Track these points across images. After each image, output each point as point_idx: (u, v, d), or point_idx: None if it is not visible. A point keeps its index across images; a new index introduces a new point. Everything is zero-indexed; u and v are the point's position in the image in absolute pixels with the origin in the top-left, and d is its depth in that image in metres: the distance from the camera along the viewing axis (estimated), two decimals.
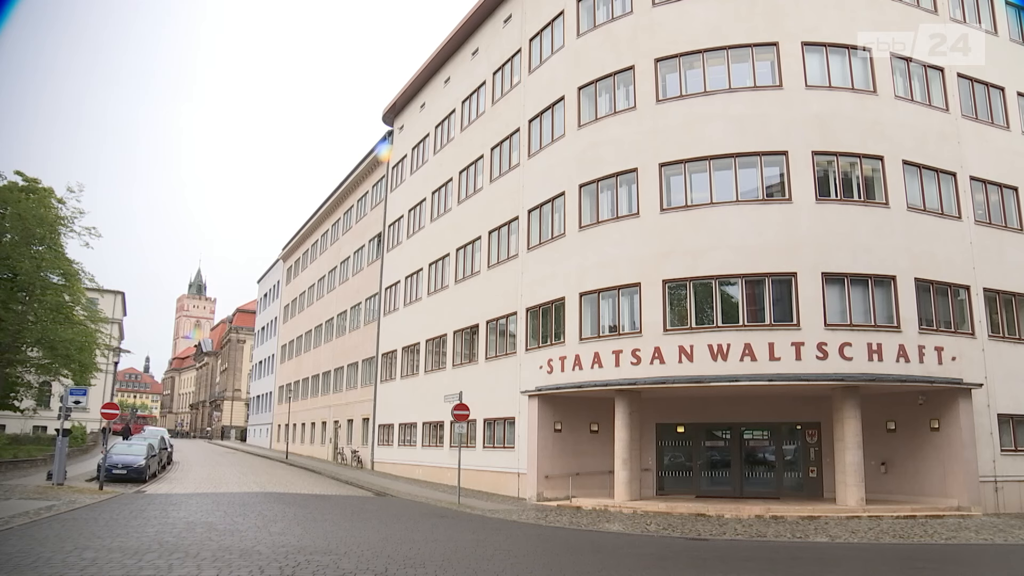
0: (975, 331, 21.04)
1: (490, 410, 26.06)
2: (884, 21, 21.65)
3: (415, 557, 11.82)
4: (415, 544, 13.46)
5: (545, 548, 14.40)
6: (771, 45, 20.96)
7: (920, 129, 21.43)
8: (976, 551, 14.15)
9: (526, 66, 26.95)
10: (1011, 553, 14.04)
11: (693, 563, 12.60)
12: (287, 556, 11.34)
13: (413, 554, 12.15)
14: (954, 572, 12.37)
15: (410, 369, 33.98)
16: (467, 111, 31.40)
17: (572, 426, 23.16)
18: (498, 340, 26.84)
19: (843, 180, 20.38)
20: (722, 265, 19.87)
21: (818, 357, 18.93)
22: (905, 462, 20.95)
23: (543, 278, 24.02)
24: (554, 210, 24.10)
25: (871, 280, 19.77)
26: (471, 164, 30.20)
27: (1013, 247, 22.44)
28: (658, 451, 23.33)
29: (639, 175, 21.41)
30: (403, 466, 32.85)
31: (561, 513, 19.14)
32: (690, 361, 19.48)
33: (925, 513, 18.49)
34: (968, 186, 21.89)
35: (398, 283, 36.29)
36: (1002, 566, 12.98)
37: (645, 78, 21.96)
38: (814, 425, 22.05)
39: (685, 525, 16.74)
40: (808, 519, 17.64)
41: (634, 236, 21.30)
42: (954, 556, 13.67)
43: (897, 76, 21.49)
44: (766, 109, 20.55)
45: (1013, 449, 21.23)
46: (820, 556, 13.37)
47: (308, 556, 11.42)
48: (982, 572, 12.47)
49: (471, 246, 29.40)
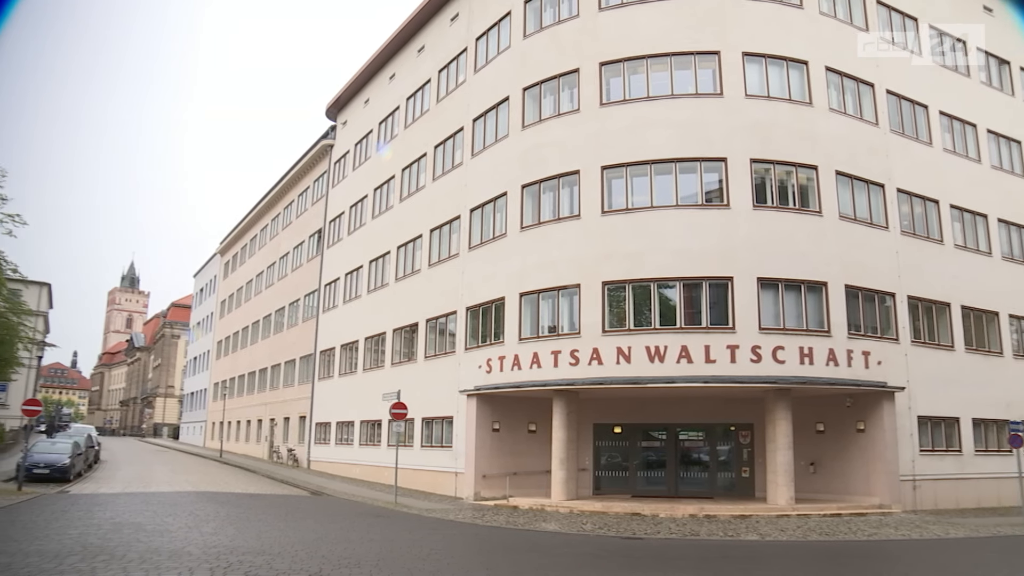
0: (899, 337, 21.87)
1: (428, 409, 25.92)
2: (820, 36, 22.31)
3: (350, 557, 11.67)
4: (350, 544, 13.29)
5: (482, 547, 14.39)
6: (713, 54, 21.37)
7: (852, 141, 22.14)
8: (895, 547, 14.73)
9: (471, 65, 26.87)
10: (926, 548, 14.67)
11: (628, 562, 12.74)
12: (219, 557, 11.06)
13: (348, 554, 11.99)
14: (875, 568, 12.83)
15: (348, 367, 33.57)
16: (411, 108, 31.15)
17: (510, 426, 23.19)
18: (437, 339, 26.71)
19: (779, 188, 20.90)
20: (661, 268, 20.16)
21: (752, 360, 19.37)
22: (832, 462, 21.60)
23: (484, 278, 23.99)
24: (496, 210, 24.10)
25: (804, 286, 20.33)
26: (414, 162, 29.97)
27: (934, 258, 23.42)
28: (595, 451, 23.54)
29: (581, 177, 21.57)
30: (340, 465, 32.41)
31: (498, 512, 19.14)
32: (628, 362, 19.70)
33: (850, 511, 19.10)
34: (895, 197, 22.73)
35: (338, 280, 35.80)
36: (917, 560, 13.54)
37: (589, 81, 22.13)
38: (747, 426, 22.57)
39: (621, 524, 16.91)
40: (740, 518, 17.99)
41: (575, 238, 21.45)
42: (875, 552, 14.19)
43: (831, 89, 22.16)
44: (707, 116, 20.94)
45: (931, 449, 22.17)
46: (750, 554, 13.68)
47: (240, 557, 11.17)
48: (900, 567, 12.95)
49: (412, 244, 29.18)
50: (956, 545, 15.07)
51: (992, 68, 27.18)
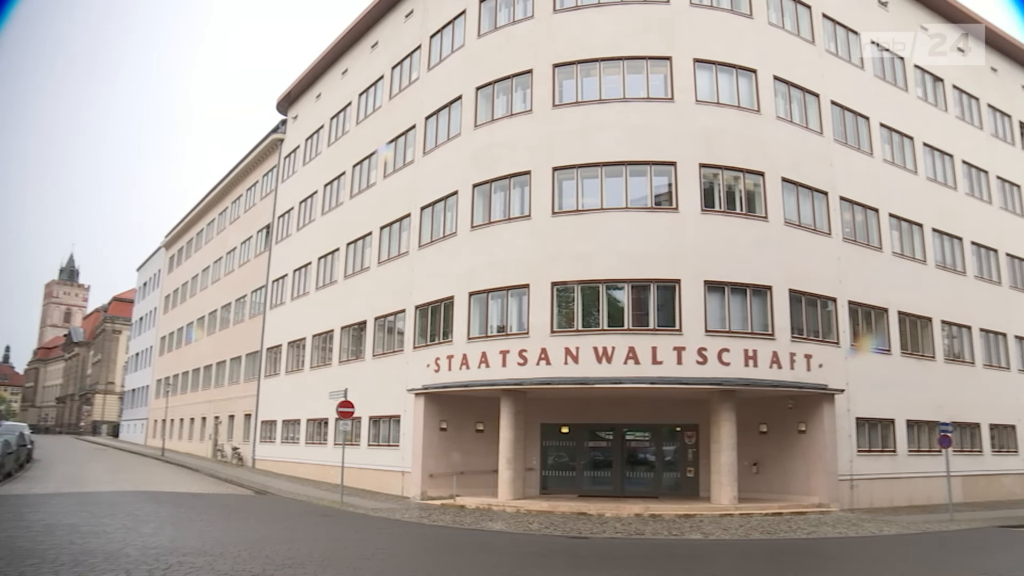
0: (840, 340, 22.45)
1: (376, 408, 25.69)
2: (769, 46, 22.79)
3: (294, 557, 11.49)
4: (295, 543, 13.09)
5: (428, 547, 14.34)
6: (665, 59, 21.64)
7: (798, 149, 22.66)
8: (832, 544, 15.11)
9: (425, 63, 26.72)
10: (860, 545, 15.11)
11: (573, 561, 12.84)
12: (158, 558, 10.73)
13: (293, 554, 11.80)
14: (812, 565, 13.18)
15: (295, 364, 33.07)
16: (364, 104, 30.82)
17: (458, 425, 23.13)
18: (386, 337, 26.50)
19: (727, 193, 21.27)
20: (610, 269, 20.34)
21: (698, 362, 19.66)
22: (775, 462, 22.04)
23: (433, 276, 23.88)
24: (447, 209, 24.02)
25: (749, 289, 20.72)
26: (365, 158, 29.65)
27: (873, 264, 24.12)
28: (542, 451, 23.62)
29: (532, 178, 21.61)
30: (286, 464, 31.90)
31: (445, 512, 19.06)
32: (575, 363, 19.81)
33: (790, 510, 19.50)
34: (838, 205, 23.34)
35: (285, 276, 35.22)
36: (852, 557, 13.98)
37: (543, 82, 22.20)
38: (692, 427, 22.89)
39: (567, 524, 16.97)
40: (684, 517, 18.22)
41: (525, 238, 21.49)
42: (814, 549, 14.55)
43: (779, 98, 22.64)
44: (658, 120, 21.20)
45: (867, 450, 22.82)
46: (693, 553, 13.88)
47: (181, 558, 10.86)
48: (836, 563, 13.36)
49: (362, 241, 28.88)
50: (888, 542, 15.57)
51: (927, 84, 28.23)
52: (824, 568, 12.88)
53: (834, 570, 12.78)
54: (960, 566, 13.27)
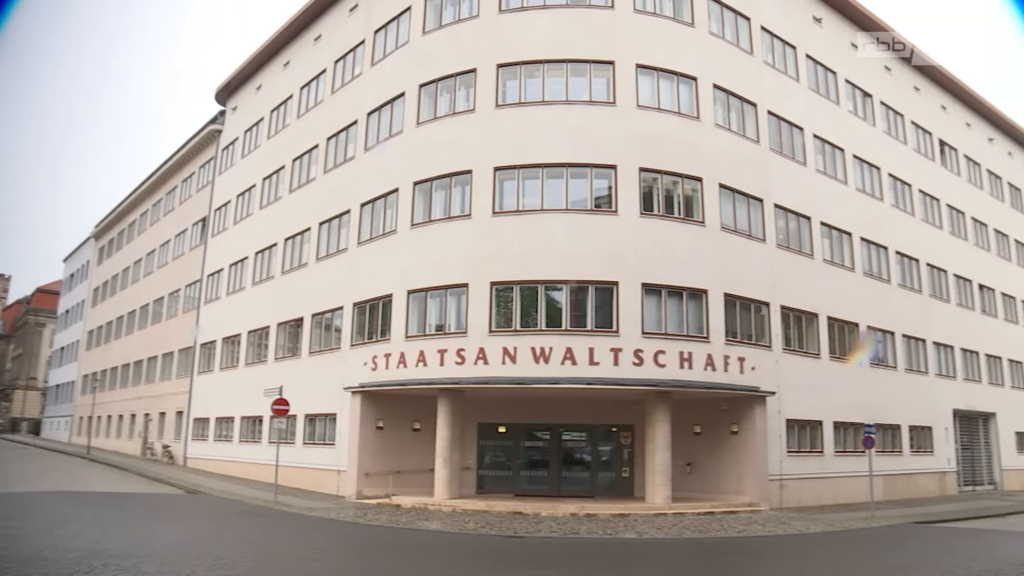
0: (772, 344, 23.02)
1: (312, 406, 25.32)
2: (709, 55, 23.25)
3: (226, 558, 11.20)
4: (226, 544, 12.81)
5: (363, 547, 14.20)
6: (608, 64, 21.86)
7: (735, 156, 23.16)
8: (762, 542, 15.50)
9: (368, 58, 26.41)
10: (788, 543, 15.58)
11: (509, 560, 12.86)
12: (79, 562, 10.20)
13: (224, 554, 11.51)
14: (742, 562, 13.47)
15: (230, 361, 32.33)
16: (305, 98, 30.29)
17: (395, 424, 22.95)
18: (323, 334, 26.15)
19: (666, 197, 21.60)
20: (549, 270, 20.43)
21: (635, 363, 19.91)
22: (708, 463, 22.47)
23: (372, 274, 23.64)
24: (387, 206, 23.79)
25: (686, 293, 21.09)
26: (306, 153, 29.15)
27: (805, 270, 24.83)
28: (479, 450, 23.59)
29: (473, 177, 21.57)
30: (219, 462, 31.14)
31: (380, 511, 18.86)
32: (513, 363, 19.85)
33: (722, 509, 19.88)
34: (772, 212, 23.95)
35: (221, 271, 34.39)
36: (780, 554, 14.37)
37: (486, 82, 22.18)
38: (628, 428, 23.17)
39: (503, 523, 16.97)
40: (619, 517, 18.39)
41: (465, 237, 21.45)
42: (744, 547, 14.85)
43: (718, 106, 23.11)
44: (599, 123, 21.39)
45: (797, 451, 23.45)
46: (627, 551, 14.02)
47: (105, 561, 10.36)
48: (765, 561, 13.70)
49: (300, 237, 28.40)
50: (814, 539, 16.09)
51: (858, 99, 29.30)
52: (753, 565, 13.20)
53: (763, 567, 13.10)
54: (878, 561, 13.78)
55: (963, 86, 35.51)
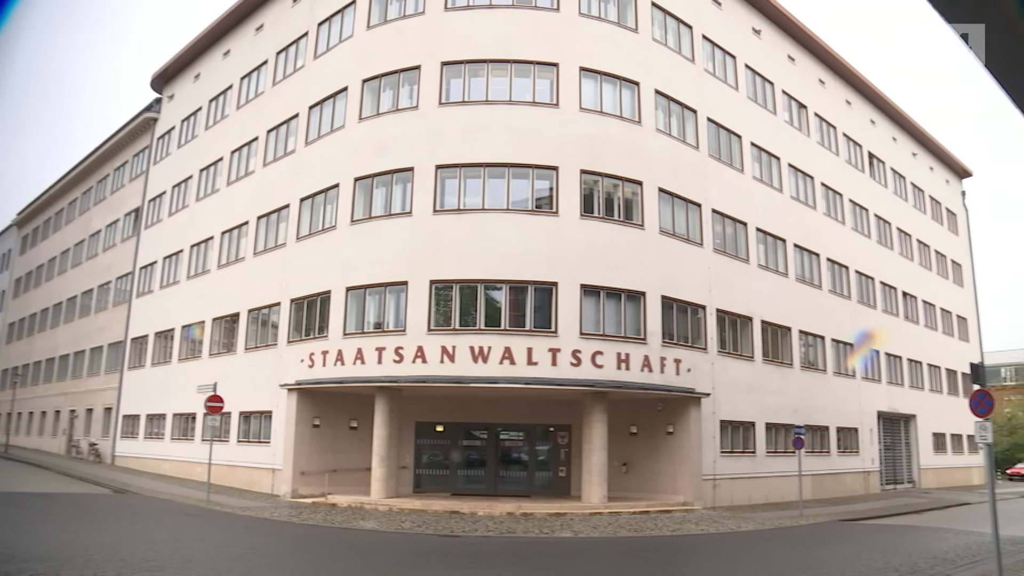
0: (707, 346, 23.51)
1: (247, 403, 24.83)
2: (651, 61, 23.61)
3: (154, 559, 10.87)
4: (155, 545, 12.43)
5: (297, 546, 13.98)
6: (552, 65, 21.99)
7: (675, 161, 23.58)
8: (695, 540, 15.88)
9: (312, 51, 25.99)
10: (720, 541, 16.02)
11: (445, 560, 12.84)
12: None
13: (152, 556, 11.17)
14: (675, 560, 13.76)
15: (162, 356, 31.43)
16: (245, 89, 29.63)
17: (331, 422, 22.69)
18: (259, 330, 25.68)
19: (606, 200, 21.86)
20: (489, 270, 20.47)
21: (572, 364, 20.09)
22: (643, 463, 22.81)
23: (311, 269, 23.31)
24: (327, 201, 23.47)
25: (624, 295, 21.37)
26: (245, 145, 28.52)
27: (740, 274, 25.44)
28: (416, 449, 23.50)
29: (415, 175, 21.45)
30: (149, 460, 30.23)
31: (316, 511, 18.64)
32: (452, 362, 19.82)
33: (657, 509, 20.20)
34: (710, 217, 24.47)
35: (155, 263, 33.38)
36: (712, 552, 14.75)
37: (430, 80, 22.07)
38: (565, 427, 23.36)
39: (440, 522, 16.96)
40: (555, 516, 18.51)
41: (406, 235, 21.32)
42: (677, 546, 15.19)
43: (659, 111, 23.49)
44: (542, 125, 21.51)
45: (730, 451, 24.00)
46: (563, 550, 14.17)
47: (20, 565, 9.85)
48: (697, 558, 14.04)
49: (238, 231, 27.79)
50: (746, 537, 16.57)
51: (793, 110, 30.26)
52: (686, 563, 13.49)
53: (695, 565, 13.40)
54: (805, 557, 14.28)
55: (889, 102, 37.10)
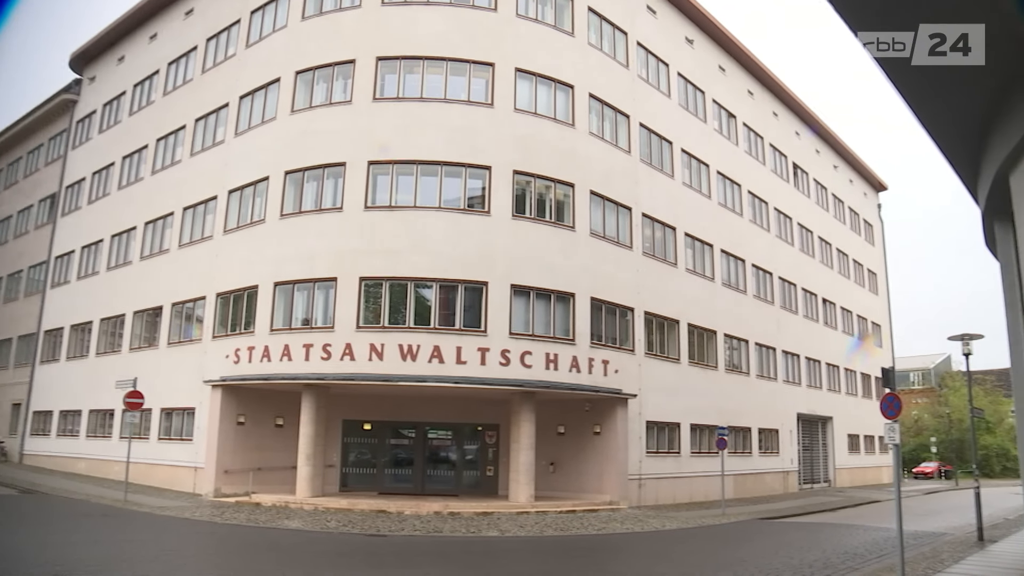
0: (635, 348, 23.94)
1: (169, 399, 24.17)
2: (586, 65, 23.91)
3: (65, 562, 10.42)
4: (68, 547, 11.93)
5: (218, 547, 13.71)
6: (488, 65, 22.04)
7: (607, 165, 23.94)
8: (620, 539, 16.18)
9: (244, 39, 25.37)
10: (645, 539, 16.35)
11: (370, 559, 12.76)
12: None
13: (63, 559, 10.72)
14: (600, 558, 13.94)
15: (79, 350, 30.21)
16: (173, 75, 28.71)
17: (257, 419, 22.25)
18: (183, 325, 25.01)
19: (538, 201, 22.03)
20: (420, 268, 20.40)
21: (501, 363, 20.18)
22: (571, 462, 23.05)
23: (238, 263, 22.80)
24: (256, 194, 22.98)
25: (554, 295, 21.58)
26: (171, 133, 27.66)
27: (669, 278, 26.01)
28: (343, 447, 23.25)
29: (347, 170, 21.19)
30: (62, 459, 28.99)
31: (239, 510, 18.29)
32: (380, 359, 19.68)
33: (583, 508, 20.47)
34: (640, 221, 24.93)
35: (72, 252, 32.03)
36: (637, 550, 14.98)
37: (365, 74, 21.83)
38: (493, 427, 23.45)
39: (366, 522, 16.87)
40: (483, 515, 18.59)
41: (336, 230, 21.06)
42: (602, 545, 15.42)
43: (592, 115, 23.80)
44: (476, 124, 21.55)
45: (655, 451, 24.49)
46: (489, 549, 14.23)
47: None
48: (622, 556, 14.24)
49: (162, 221, 26.94)
50: (670, 535, 16.97)
51: (723, 119, 31.12)
52: (610, 561, 13.70)
53: (619, 564, 13.62)
54: (726, 554, 14.71)
55: (814, 115, 38.57)
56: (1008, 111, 4.68)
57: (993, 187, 5.54)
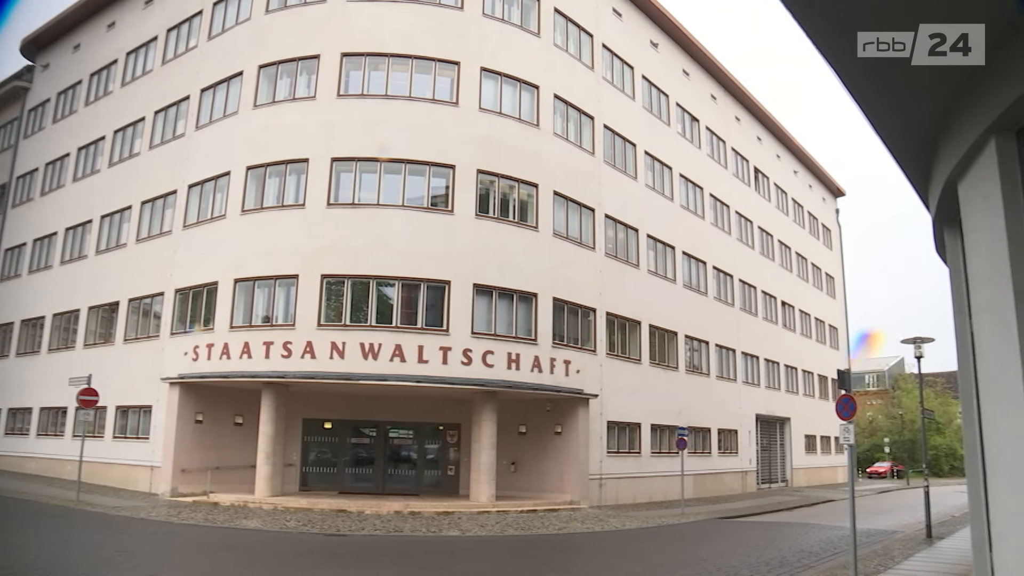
0: (597, 348, 24.09)
1: (125, 397, 23.71)
2: (552, 65, 23.99)
3: (12, 566, 10.15)
4: (13, 550, 11.60)
5: (174, 547, 13.49)
6: (454, 64, 22.00)
7: (571, 166, 24.07)
8: (580, 538, 16.30)
9: (206, 31, 24.96)
10: (605, 538, 16.48)
11: (330, 559, 12.66)
12: None
13: (9, 562, 10.43)
14: (561, 558, 14.05)
15: (30, 346, 29.42)
16: (132, 65, 28.08)
17: (215, 417, 21.96)
18: (140, 321, 24.53)
19: (502, 200, 22.06)
20: (382, 266, 20.29)
21: (463, 362, 20.17)
22: (532, 462, 23.13)
23: (198, 259, 22.44)
24: (217, 189, 22.63)
25: (516, 295, 21.63)
26: (130, 125, 27.07)
27: (631, 279, 26.22)
28: (304, 446, 23.04)
29: (310, 166, 20.99)
30: (10, 458, 28.14)
31: (196, 510, 18.03)
32: (341, 358, 19.55)
33: (544, 507, 20.56)
34: (603, 222, 25.10)
35: (24, 245, 31.16)
36: (597, 549, 15.12)
37: (329, 70, 21.64)
38: (455, 426, 23.44)
39: (326, 521, 16.75)
40: (443, 514, 18.57)
41: (298, 227, 20.87)
42: (563, 544, 15.51)
43: (557, 116, 23.91)
44: (441, 122, 21.50)
45: (616, 451, 24.67)
46: (450, 549, 14.19)
47: None
48: (582, 556, 14.39)
49: (119, 215, 26.37)
50: (629, 535, 17.09)
51: (686, 123, 31.47)
52: (571, 561, 13.79)
53: (579, 563, 13.72)
54: (685, 553, 14.91)
55: (775, 121, 39.29)
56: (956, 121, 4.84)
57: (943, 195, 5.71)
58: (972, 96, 4.42)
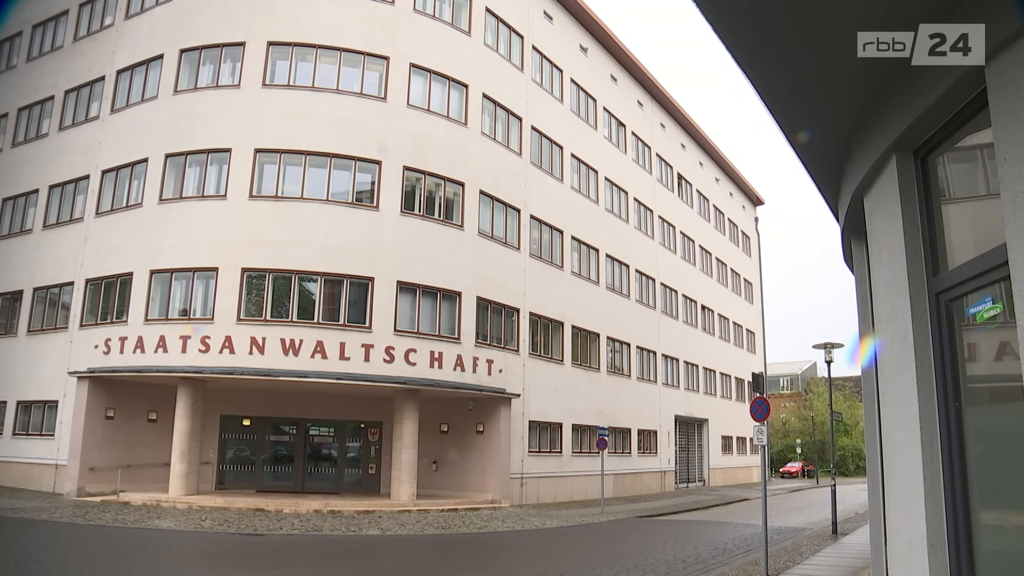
0: (520, 348, 24.30)
1: (28, 392, 22.77)
2: (482, 65, 24.10)
3: None
4: None
5: (80, 549, 12.92)
6: (383, 58, 21.84)
7: (498, 166, 24.23)
8: (501, 537, 16.43)
9: (123, 8, 24.03)
10: (525, 537, 16.67)
11: (246, 559, 12.40)
12: None
13: None
14: (481, 556, 14.13)
15: None
16: (39, 39, 26.67)
17: (128, 413, 21.24)
18: (47, 311, 23.46)
19: (427, 198, 22.03)
20: (305, 261, 20.02)
21: (385, 360, 20.07)
22: (454, 461, 23.19)
23: (111, 249, 21.63)
24: (134, 176, 21.88)
25: (440, 293, 21.63)
26: (37, 103, 25.80)
27: (554, 281, 26.57)
28: (221, 443, 22.55)
29: (232, 156, 20.52)
30: None
31: (105, 509, 17.39)
32: (261, 353, 19.20)
33: (466, 506, 20.66)
34: (528, 223, 25.37)
35: None
36: (517, 548, 15.32)
37: (255, 58, 21.17)
38: (376, 424, 23.28)
39: (243, 520, 16.45)
40: (364, 513, 18.45)
41: (219, 218, 20.38)
42: (484, 543, 15.63)
43: (485, 115, 24.01)
44: (368, 117, 21.33)
45: (538, 451, 24.93)
46: (370, 548, 14.10)
47: None
48: (503, 554, 14.53)
49: (24, 199, 25.16)
50: (549, 534, 17.29)
51: (613, 127, 32.10)
52: (491, 559, 13.87)
53: (500, 560, 13.82)
54: (604, 551, 15.13)
55: (699, 129, 40.41)
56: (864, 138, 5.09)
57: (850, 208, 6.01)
58: (876, 116, 4.68)
